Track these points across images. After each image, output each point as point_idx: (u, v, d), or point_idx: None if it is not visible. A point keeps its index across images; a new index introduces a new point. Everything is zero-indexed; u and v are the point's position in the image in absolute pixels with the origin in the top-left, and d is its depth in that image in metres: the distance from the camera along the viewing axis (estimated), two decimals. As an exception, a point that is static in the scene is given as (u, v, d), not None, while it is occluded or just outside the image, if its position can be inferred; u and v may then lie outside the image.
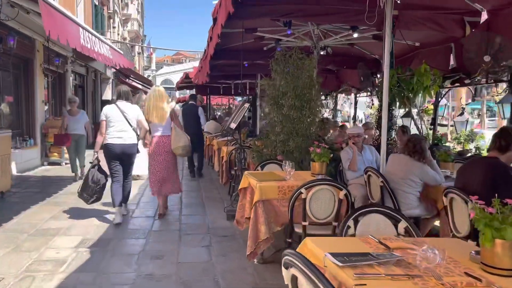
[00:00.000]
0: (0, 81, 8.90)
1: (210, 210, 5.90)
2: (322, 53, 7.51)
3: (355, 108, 9.74)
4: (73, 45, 5.45)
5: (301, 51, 5.67)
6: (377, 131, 6.11)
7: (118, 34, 24.65)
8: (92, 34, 7.00)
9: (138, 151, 5.40)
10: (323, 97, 13.92)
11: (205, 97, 17.00)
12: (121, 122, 5.03)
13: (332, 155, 4.57)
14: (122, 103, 5.14)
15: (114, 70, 20.93)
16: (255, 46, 8.32)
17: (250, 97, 7.07)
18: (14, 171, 8.65)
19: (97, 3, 17.28)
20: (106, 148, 5.05)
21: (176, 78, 60.81)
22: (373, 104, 8.93)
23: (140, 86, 31.03)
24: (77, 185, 6.49)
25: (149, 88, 26.81)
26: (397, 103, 5.66)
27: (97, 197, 5.15)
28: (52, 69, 10.56)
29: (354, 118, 9.68)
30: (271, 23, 7.02)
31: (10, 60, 8.60)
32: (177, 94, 57.59)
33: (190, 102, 9.46)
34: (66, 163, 10.30)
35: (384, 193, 4.04)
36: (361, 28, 6.64)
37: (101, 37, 7.42)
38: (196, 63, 27.58)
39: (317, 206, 3.32)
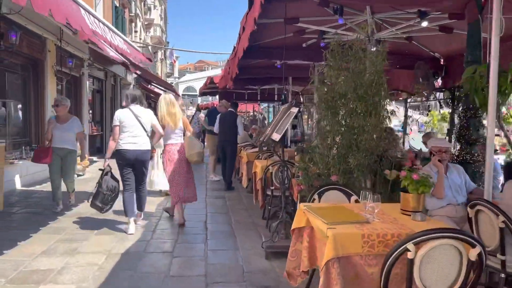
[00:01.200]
0: (5, 84, 7.96)
1: (242, 243, 4.66)
2: (373, 49, 6.25)
3: (406, 116, 8.39)
4: (77, 26, 4.36)
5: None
6: (457, 144, 4.78)
7: (140, 39, 23.90)
8: (101, 22, 5.92)
9: (151, 158, 5.31)
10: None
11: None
12: (135, 127, 4.83)
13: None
14: (135, 107, 4.92)
15: (135, 75, 20.13)
16: (293, 42, 7.10)
17: (294, 100, 5.93)
18: (18, 185, 7.65)
19: (117, 5, 16.45)
20: (119, 154, 4.82)
21: (198, 85, 60.51)
22: (429, 111, 7.61)
23: (162, 93, 30.37)
24: (64, 218, 5.49)
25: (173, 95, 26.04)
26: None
27: (111, 205, 4.98)
28: (66, 71, 9.60)
29: (405, 128, 8.32)
30: (315, 12, 5.85)
31: (12, 58, 7.64)
32: (200, 100, 57.17)
33: (230, 110, 8.70)
34: (78, 175, 9.30)
35: (507, 238, 2.74)
36: (431, 15, 5.38)
37: (113, 27, 6.38)
38: (219, 71, 26.48)
39: (432, 271, 2.05)
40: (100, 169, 5.00)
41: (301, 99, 13.20)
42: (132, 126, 4.82)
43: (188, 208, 6.41)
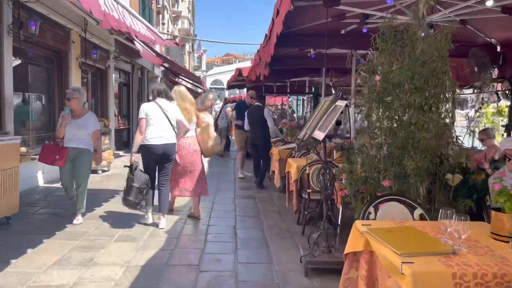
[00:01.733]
0: (28, 76, 7.68)
1: (277, 254, 4.11)
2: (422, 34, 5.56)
3: (453, 110, 7.54)
4: (87, 7, 3.88)
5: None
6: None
7: (168, 31, 23.61)
8: (125, 9, 5.45)
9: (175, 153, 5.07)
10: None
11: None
12: (162, 120, 4.71)
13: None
14: (162, 101, 4.80)
15: (163, 69, 19.86)
16: (330, 29, 6.46)
17: (340, 92, 5.26)
18: (41, 182, 7.36)
19: (144, -5, 16.12)
20: (146, 149, 4.69)
21: (226, 78, 60.45)
22: (483, 104, 6.80)
23: (190, 86, 30.09)
24: (83, 220, 5.08)
25: (200, 88, 25.70)
26: None
27: (146, 199, 4.82)
28: (90, 63, 9.27)
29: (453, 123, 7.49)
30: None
31: (35, 50, 7.32)
32: (227, 94, 57.02)
33: (256, 104, 8.26)
34: (103, 170, 8.99)
35: None
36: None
37: (136, 13, 5.91)
38: (246, 64, 25.83)
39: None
40: (125, 166, 4.82)
41: (333, 92, 12.51)
42: (159, 120, 4.70)
43: (216, 210, 5.92)
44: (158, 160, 4.78)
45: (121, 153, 12.44)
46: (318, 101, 12.04)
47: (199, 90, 26.38)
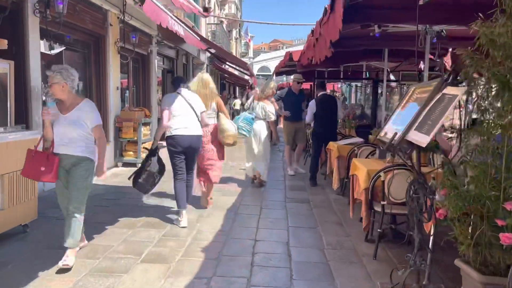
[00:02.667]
0: (63, 62, 7.08)
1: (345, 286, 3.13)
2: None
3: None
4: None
5: None
6: None
7: (214, 16, 22.84)
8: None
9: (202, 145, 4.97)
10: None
11: (310, 84, 14.27)
12: (187, 111, 4.56)
13: None
14: (185, 91, 4.68)
15: (209, 55, 19.15)
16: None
17: (451, 74, 4.13)
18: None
19: (189, -23, 15.32)
20: (172, 140, 4.53)
21: (273, 64, 59.44)
22: None
23: (237, 73, 29.30)
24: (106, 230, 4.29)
25: (247, 75, 24.86)
26: None
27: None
28: (129, 48, 8.60)
29: None
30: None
31: (69, 33, 6.70)
32: (274, 80, 55.79)
33: (322, 93, 7.21)
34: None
35: None
36: None
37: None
38: (295, 49, 24.53)
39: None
40: (145, 148, 4.78)
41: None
42: (184, 111, 4.54)
43: (264, 218, 5.01)
44: (184, 151, 4.59)
45: (164, 143, 11.86)
46: (377, 88, 10.77)
47: (246, 77, 25.56)
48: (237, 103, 20.30)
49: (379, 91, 10.73)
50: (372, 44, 7.81)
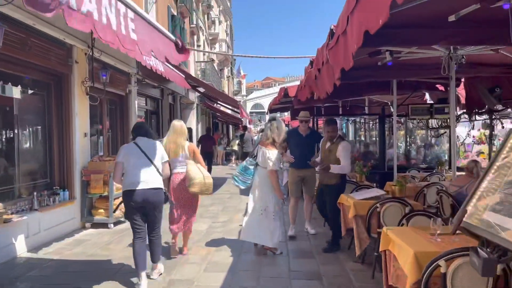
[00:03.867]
0: (14, 107, 5.86)
1: None
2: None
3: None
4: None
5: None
6: None
7: (204, 55, 22.09)
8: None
9: (166, 199, 4.66)
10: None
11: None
12: (142, 162, 4.16)
13: None
14: (142, 140, 4.28)
15: (198, 94, 18.16)
16: (437, 13, 4.24)
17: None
18: (22, 250, 5.39)
19: (175, 13, 14.51)
20: (125, 196, 4.17)
21: (266, 101, 59.29)
22: None
23: (230, 112, 28.36)
24: None
25: (237, 112, 23.87)
26: None
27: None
28: (99, 87, 7.42)
29: None
30: None
31: (25, 73, 5.51)
32: (267, 118, 55.29)
33: (331, 132, 5.75)
34: (115, 224, 7.00)
35: None
36: None
37: (135, 6, 3.89)
38: (288, 85, 23.48)
39: None
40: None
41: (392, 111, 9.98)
42: (139, 162, 4.18)
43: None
44: (140, 208, 4.17)
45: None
46: (384, 123, 9.62)
47: (239, 116, 24.55)
48: (235, 143, 19.16)
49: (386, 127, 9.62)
50: (380, 75, 6.73)
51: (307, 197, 6.27)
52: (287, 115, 32.15)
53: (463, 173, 5.32)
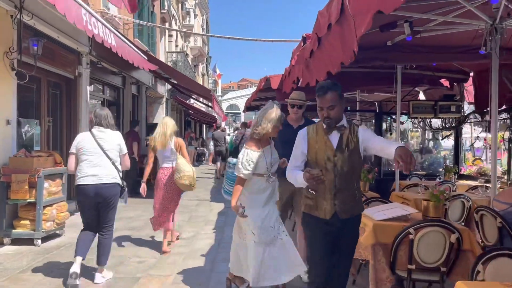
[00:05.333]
0: None
1: None
2: None
3: None
4: None
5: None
6: None
7: (177, 46, 20.41)
8: None
9: (121, 195, 4.06)
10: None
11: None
12: (95, 154, 3.89)
13: None
14: (99, 130, 3.96)
15: (170, 87, 16.47)
16: None
17: None
18: None
19: (142, -7, 12.82)
20: (77, 190, 3.94)
21: (242, 102, 58.06)
22: None
23: (204, 109, 26.67)
24: None
25: (209, 107, 22.20)
26: None
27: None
28: (29, 62, 5.75)
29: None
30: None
31: None
32: (243, 118, 54.08)
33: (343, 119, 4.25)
34: (44, 240, 5.36)
35: None
36: None
37: None
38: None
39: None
40: None
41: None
42: (92, 154, 3.86)
43: None
44: (92, 204, 3.89)
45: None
46: (381, 121, 8.28)
47: (214, 112, 23.04)
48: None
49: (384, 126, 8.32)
50: (390, 58, 5.42)
51: (299, 219, 4.05)
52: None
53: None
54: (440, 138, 8.00)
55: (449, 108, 7.81)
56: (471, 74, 7.29)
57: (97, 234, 4.01)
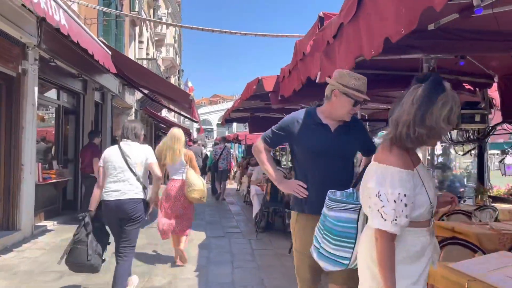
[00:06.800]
0: None
1: None
2: None
3: None
4: None
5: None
6: None
7: (148, 54, 18.87)
8: None
9: (146, 211, 3.84)
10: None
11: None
12: (120, 169, 3.74)
13: None
14: (126, 144, 3.83)
15: (140, 96, 14.86)
16: None
17: None
18: None
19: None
20: (103, 207, 3.74)
21: (214, 117, 56.68)
22: None
23: (177, 120, 25.00)
24: None
25: (186, 117, 20.56)
26: None
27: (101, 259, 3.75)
28: None
29: None
30: None
31: None
32: (215, 134, 52.52)
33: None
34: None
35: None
36: None
37: None
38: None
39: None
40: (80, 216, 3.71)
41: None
42: (117, 169, 3.73)
43: None
44: (115, 220, 3.74)
45: (53, 224, 7.12)
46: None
47: (193, 125, 21.54)
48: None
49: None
50: (432, 48, 4.23)
51: None
52: (245, 129, 29.17)
53: None
54: (461, 152, 6.86)
55: (473, 117, 6.67)
56: (496, 79, 6.22)
57: (116, 255, 3.75)
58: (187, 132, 23.63)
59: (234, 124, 44.97)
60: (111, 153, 3.78)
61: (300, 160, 2.59)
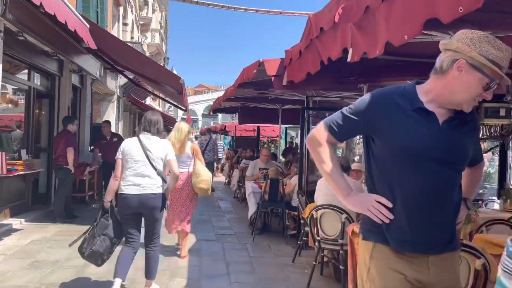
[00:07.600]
0: None
1: None
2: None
3: None
4: None
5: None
6: None
7: (132, 38, 17.79)
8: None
9: (165, 206, 3.87)
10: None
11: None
12: (140, 163, 3.68)
13: None
14: (146, 137, 3.76)
15: (123, 82, 13.88)
16: None
17: None
18: None
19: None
20: (120, 199, 3.72)
21: (199, 107, 55.51)
22: None
23: (162, 109, 23.96)
24: None
25: (173, 105, 19.49)
26: None
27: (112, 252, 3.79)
28: None
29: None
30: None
31: None
32: (200, 124, 51.37)
33: None
34: None
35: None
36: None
37: None
38: (219, 94, 18.34)
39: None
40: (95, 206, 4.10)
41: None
42: (138, 162, 3.67)
43: None
44: (136, 215, 3.73)
45: (20, 222, 6.21)
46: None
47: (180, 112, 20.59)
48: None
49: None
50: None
51: None
52: (232, 120, 28.02)
53: None
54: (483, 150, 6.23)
55: (497, 111, 6.02)
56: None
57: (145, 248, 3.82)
58: (173, 122, 22.66)
59: (220, 115, 43.98)
60: (130, 146, 3.73)
61: (382, 163, 1.74)
